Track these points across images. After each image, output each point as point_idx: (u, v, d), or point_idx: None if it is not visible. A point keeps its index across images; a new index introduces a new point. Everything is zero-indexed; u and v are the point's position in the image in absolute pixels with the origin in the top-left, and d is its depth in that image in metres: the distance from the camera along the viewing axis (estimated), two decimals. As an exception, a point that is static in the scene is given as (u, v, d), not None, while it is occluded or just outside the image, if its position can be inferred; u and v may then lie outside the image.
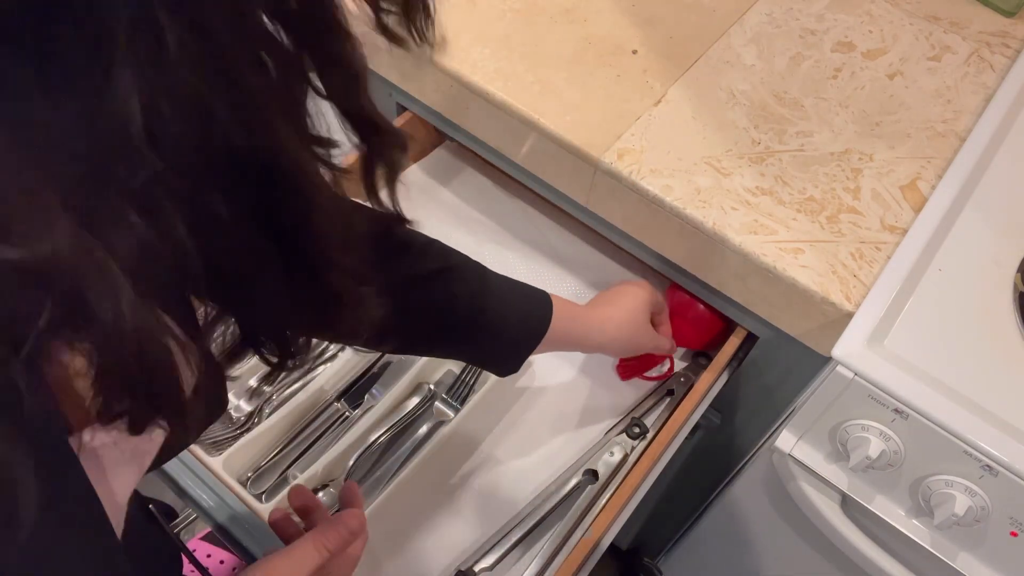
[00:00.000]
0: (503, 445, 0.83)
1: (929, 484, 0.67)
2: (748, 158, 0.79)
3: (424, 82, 0.88)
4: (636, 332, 0.80)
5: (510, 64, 0.84)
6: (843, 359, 0.66)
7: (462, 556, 0.75)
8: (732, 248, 0.73)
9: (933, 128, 0.84)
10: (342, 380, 0.83)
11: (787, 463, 0.77)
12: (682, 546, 1.17)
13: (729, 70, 0.87)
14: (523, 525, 0.77)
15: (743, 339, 0.86)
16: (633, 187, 0.77)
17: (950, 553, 0.70)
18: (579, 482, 0.80)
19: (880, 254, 0.73)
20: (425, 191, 1.03)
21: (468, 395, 0.83)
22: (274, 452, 0.78)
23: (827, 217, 0.75)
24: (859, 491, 0.73)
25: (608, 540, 0.75)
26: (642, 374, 0.89)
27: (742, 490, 0.94)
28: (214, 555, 1.32)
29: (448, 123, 0.91)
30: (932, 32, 0.94)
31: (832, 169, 0.79)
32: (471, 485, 0.80)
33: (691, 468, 1.06)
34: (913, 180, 0.79)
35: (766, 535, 0.94)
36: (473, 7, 0.89)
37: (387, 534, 0.76)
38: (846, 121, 0.83)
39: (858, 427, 0.69)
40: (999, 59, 0.91)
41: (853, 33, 0.92)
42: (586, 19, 0.90)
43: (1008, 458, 0.61)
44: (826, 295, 0.70)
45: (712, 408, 0.89)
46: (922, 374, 0.66)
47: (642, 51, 0.87)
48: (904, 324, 0.69)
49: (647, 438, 0.83)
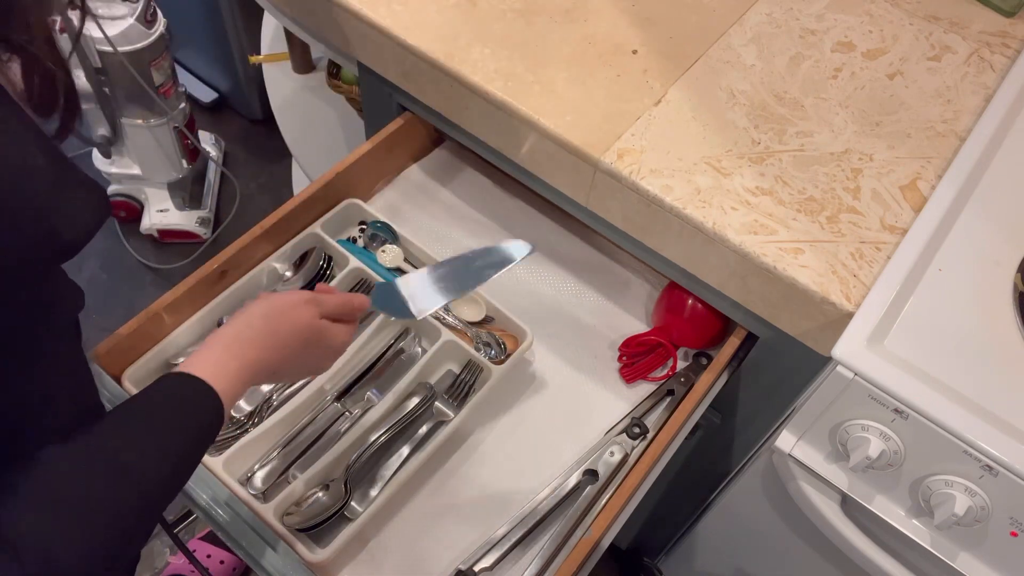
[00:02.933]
0: (503, 445, 0.83)
1: (929, 484, 0.67)
2: (748, 158, 0.79)
3: (424, 82, 0.88)
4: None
5: (510, 64, 0.84)
6: (843, 359, 0.66)
7: (462, 556, 0.75)
8: (732, 248, 0.73)
9: (933, 128, 0.84)
10: (342, 380, 0.83)
11: (787, 463, 0.77)
12: (682, 546, 1.17)
13: (729, 70, 0.87)
14: (523, 525, 0.77)
15: (743, 339, 0.86)
16: (633, 187, 0.77)
17: (950, 553, 0.70)
18: (579, 482, 0.80)
19: (880, 254, 0.73)
20: (425, 191, 1.03)
21: (468, 395, 0.83)
22: (274, 452, 0.78)
23: (827, 217, 0.75)
24: (859, 491, 0.73)
25: (608, 540, 0.75)
26: (647, 375, 0.89)
27: (742, 490, 0.94)
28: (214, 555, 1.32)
29: (448, 123, 0.91)
30: (932, 32, 0.94)
31: (832, 169, 0.79)
32: (471, 485, 0.80)
33: (691, 468, 1.06)
34: (913, 180, 0.79)
35: (766, 535, 0.94)
36: (473, 7, 0.89)
37: (387, 534, 0.76)
38: (846, 121, 0.83)
39: (858, 427, 0.69)
40: (999, 59, 0.91)
41: (853, 33, 0.92)
42: (586, 19, 0.90)
43: (1008, 458, 0.61)
44: (826, 295, 0.70)
45: (712, 408, 0.89)
46: (922, 374, 0.66)
47: (642, 51, 0.87)
48: (904, 324, 0.69)
49: (647, 438, 0.83)
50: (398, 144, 1.00)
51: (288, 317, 0.58)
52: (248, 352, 0.55)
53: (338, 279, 0.87)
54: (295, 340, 0.59)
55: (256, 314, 0.58)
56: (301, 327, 0.59)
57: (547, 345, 0.90)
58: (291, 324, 0.59)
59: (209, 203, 1.76)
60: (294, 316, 0.59)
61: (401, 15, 0.87)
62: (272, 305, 0.58)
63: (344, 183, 0.93)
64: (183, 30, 1.68)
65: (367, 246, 0.93)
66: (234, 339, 0.56)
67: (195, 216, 1.72)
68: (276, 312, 0.58)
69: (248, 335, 0.56)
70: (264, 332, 0.57)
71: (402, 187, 1.03)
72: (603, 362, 0.90)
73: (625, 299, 0.96)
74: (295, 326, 0.59)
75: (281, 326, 0.58)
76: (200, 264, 0.83)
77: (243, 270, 0.86)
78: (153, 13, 1.39)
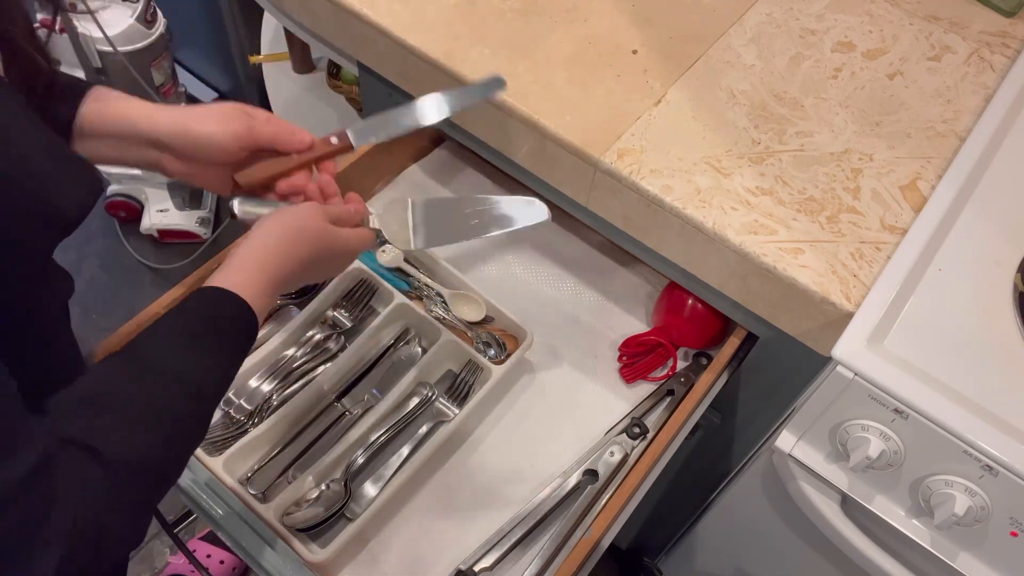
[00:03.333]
0: (503, 445, 0.83)
1: (929, 484, 0.67)
2: (748, 158, 0.79)
3: (424, 82, 0.88)
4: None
5: (510, 64, 0.84)
6: (843, 359, 0.66)
7: (462, 556, 0.75)
8: (732, 248, 0.73)
9: (933, 128, 0.84)
10: (342, 380, 0.83)
11: (787, 463, 0.77)
12: (682, 546, 1.17)
13: (729, 70, 0.87)
14: (523, 525, 0.77)
15: (743, 339, 0.86)
16: (633, 187, 0.77)
17: (950, 553, 0.70)
18: (579, 482, 0.80)
19: (880, 254, 0.73)
20: (425, 191, 1.03)
21: (468, 395, 0.83)
22: (274, 452, 0.78)
23: (827, 217, 0.75)
24: (859, 491, 0.73)
25: (608, 540, 0.75)
26: (647, 375, 0.89)
27: (742, 490, 0.94)
28: (214, 555, 1.32)
29: (448, 123, 0.91)
30: (932, 32, 0.94)
31: (832, 169, 0.79)
32: (471, 485, 0.80)
33: (691, 468, 1.06)
34: (913, 180, 0.79)
35: (766, 535, 0.94)
36: (473, 7, 0.89)
37: (387, 534, 0.76)
38: (846, 121, 0.83)
39: (858, 427, 0.69)
40: (999, 59, 0.91)
41: (853, 33, 0.92)
42: (586, 19, 0.90)
43: (1008, 458, 0.61)
44: (826, 295, 0.70)
45: (712, 408, 0.89)
46: (922, 374, 0.66)
47: (642, 51, 0.87)
48: (904, 324, 0.69)
49: (647, 438, 0.83)
50: (398, 144, 1.00)
51: (302, 229, 0.62)
52: (271, 266, 0.59)
53: (338, 279, 0.87)
54: (311, 249, 0.62)
55: (273, 231, 0.61)
56: (314, 237, 0.62)
57: (547, 345, 0.90)
58: (306, 235, 0.62)
59: (209, 203, 1.76)
60: (307, 227, 0.62)
61: (401, 15, 0.87)
62: (285, 220, 0.62)
63: (344, 183, 0.93)
64: (183, 30, 1.67)
65: (367, 246, 0.93)
66: (258, 254, 0.59)
67: (195, 216, 1.72)
68: (292, 226, 0.62)
69: (271, 248, 0.60)
70: (284, 245, 0.60)
71: (402, 187, 1.03)
72: (603, 362, 0.90)
73: (625, 299, 0.96)
74: (310, 236, 0.62)
75: (298, 236, 0.61)
76: (200, 264, 0.83)
77: (243, 270, 0.86)
78: (153, 13, 1.39)
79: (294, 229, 0.61)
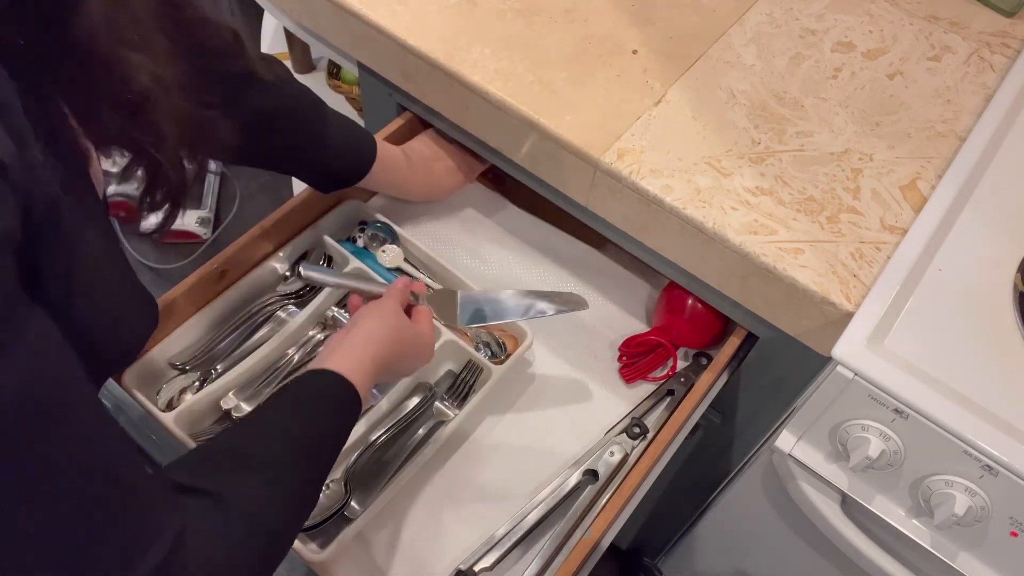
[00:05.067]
0: (503, 445, 0.83)
1: (929, 484, 0.67)
2: (748, 158, 0.79)
3: (424, 82, 0.88)
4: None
5: (510, 64, 0.84)
6: (843, 359, 0.66)
7: (462, 556, 0.75)
8: (732, 248, 0.73)
9: (933, 128, 0.84)
10: (342, 380, 0.83)
11: (787, 463, 0.77)
12: (682, 546, 1.17)
13: (729, 70, 0.87)
14: (523, 525, 0.77)
15: (743, 339, 0.86)
16: (633, 187, 0.77)
17: (950, 553, 0.70)
18: (579, 482, 0.80)
19: (880, 254, 0.73)
20: (425, 191, 1.03)
21: (468, 395, 0.83)
22: (274, 452, 0.78)
23: (827, 217, 0.75)
24: (859, 491, 0.73)
25: (608, 540, 0.75)
26: (647, 375, 0.89)
27: (742, 490, 0.94)
28: (214, 555, 1.32)
29: (448, 123, 0.91)
30: (932, 32, 0.94)
31: (832, 169, 0.79)
32: (471, 485, 0.80)
33: (691, 468, 1.06)
34: (913, 180, 0.79)
35: (766, 535, 0.94)
36: (473, 7, 0.89)
37: (387, 534, 0.76)
38: (846, 121, 0.83)
39: (858, 427, 0.69)
40: (999, 59, 0.91)
41: (853, 33, 0.92)
42: (586, 19, 0.90)
43: (1008, 458, 0.61)
44: (826, 295, 0.70)
45: (712, 408, 0.89)
46: (922, 374, 0.66)
47: (642, 51, 0.87)
48: (904, 324, 0.69)
49: (647, 438, 0.83)
50: (398, 144, 1.00)
51: (391, 321, 0.68)
52: (372, 352, 0.65)
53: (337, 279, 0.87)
54: (400, 340, 0.68)
55: (371, 323, 0.67)
56: (402, 328, 0.69)
57: (547, 345, 0.90)
58: (397, 327, 0.68)
59: (209, 203, 1.76)
60: (394, 320, 0.69)
61: (401, 15, 0.87)
62: (380, 312, 0.69)
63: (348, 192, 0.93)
64: (183, 30, 1.67)
65: (367, 246, 0.93)
66: (363, 341, 0.65)
67: (195, 216, 1.72)
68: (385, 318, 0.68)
69: (372, 337, 0.66)
70: (382, 333, 0.66)
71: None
72: (603, 362, 0.90)
73: (625, 299, 0.96)
74: (399, 328, 0.69)
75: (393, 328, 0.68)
76: (200, 264, 0.83)
77: (243, 270, 0.86)
78: (153, 13, 1.39)
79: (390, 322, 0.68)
